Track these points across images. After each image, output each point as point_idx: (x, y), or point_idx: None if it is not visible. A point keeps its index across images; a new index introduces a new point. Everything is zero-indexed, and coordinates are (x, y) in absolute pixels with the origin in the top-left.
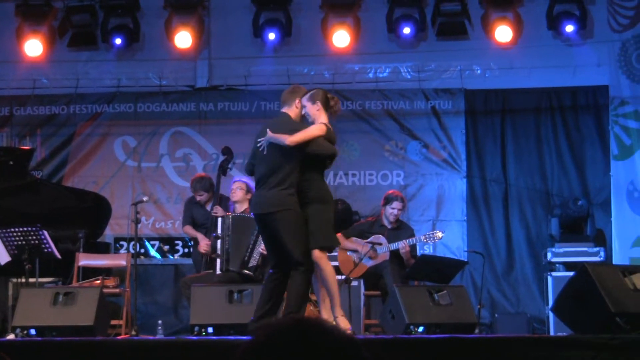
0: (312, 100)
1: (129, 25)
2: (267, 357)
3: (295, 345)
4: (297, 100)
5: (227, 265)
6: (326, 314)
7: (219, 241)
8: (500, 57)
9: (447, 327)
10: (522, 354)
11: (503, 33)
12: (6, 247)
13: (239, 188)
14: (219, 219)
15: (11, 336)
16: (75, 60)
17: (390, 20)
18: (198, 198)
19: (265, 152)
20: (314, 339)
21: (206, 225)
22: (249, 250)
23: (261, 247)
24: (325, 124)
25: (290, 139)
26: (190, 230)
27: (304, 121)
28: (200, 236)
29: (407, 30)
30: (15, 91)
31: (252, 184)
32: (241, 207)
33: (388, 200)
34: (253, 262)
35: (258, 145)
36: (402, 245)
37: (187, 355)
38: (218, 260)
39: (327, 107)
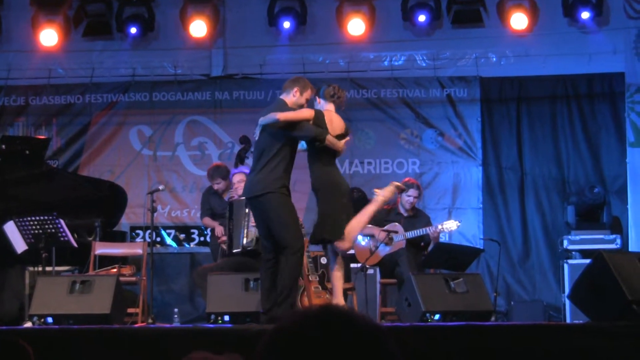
0: (324, 97)
1: (144, 15)
2: (292, 345)
3: (321, 333)
4: (295, 89)
5: (231, 249)
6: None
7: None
8: (516, 45)
9: (463, 315)
10: (538, 341)
11: (519, 20)
12: (23, 235)
13: (240, 181)
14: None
15: (28, 324)
16: (91, 50)
17: (406, 8)
18: (215, 187)
19: (257, 138)
20: (340, 328)
21: (225, 215)
22: (244, 227)
23: (252, 221)
24: (317, 110)
25: (280, 115)
26: (208, 222)
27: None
28: (216, 225)
29: (422, 18)
30: (31, 81)
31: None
32: None
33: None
34: (251, 236)
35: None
36: (432, 230)
37: (204, 343)
38: (224, 246)
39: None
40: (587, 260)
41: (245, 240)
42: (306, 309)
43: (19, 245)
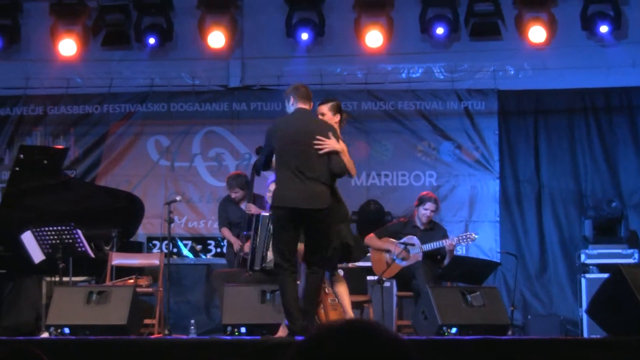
0: (334, 111)
1: (162, 25)
2: (318, 358)
3: (346, 346)
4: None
5: (253, 265)
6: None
7: (249, 240)
8: (534, 58)
9: (480, 328)
10: (555, 356)
11: (537, 33)
12: (40, 245)
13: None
14: (253, 218)
15: (45, 334)
16: (109, 60)
17: (424, 20)
18: (233, 195)
19: (319, 152)
20: (365, 341)
21: (241, 225)
22: (265, 245)
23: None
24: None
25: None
26: (226, 233)
27: None
28: (234, 240)
29: (440, 31)
30: (49, 90)
31: None
32: None
33: (421, 201)
34: (271, 256)
35: (316, 146)
36: (448, 243)
37: (220, 355)
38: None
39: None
40: (605, 275)
41: (267, 259)
42: (331, 322)
43: (37, 255)
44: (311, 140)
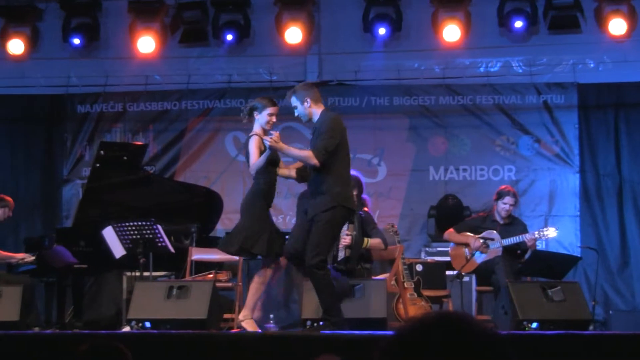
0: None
1: (240, 21)
2: (411, 352)
3: (440, 340)
4: None
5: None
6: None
7: None
8: (614, 51)
9: (561, 323)
10: (637, 351)
11: (617, 26)
12: (121, 241)
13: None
14: None
15: (126, 328)
16: (187, 57)
17: (502, 14)
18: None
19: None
20: (459, 334)
21: None
22: (335, 244)
23: (343, 241)
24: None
25: None
26: None
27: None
28: None
29: (518, 24)
30: (128, 87)
31: (360, 175)
32: None
33: (500, 196)
34: (341, 255)
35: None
36: (529, 237)
37: (301, 349)
38: None
39: None
40: None
41: (337, 258)
42: (424, 315)
43: (117, 250)
44: None
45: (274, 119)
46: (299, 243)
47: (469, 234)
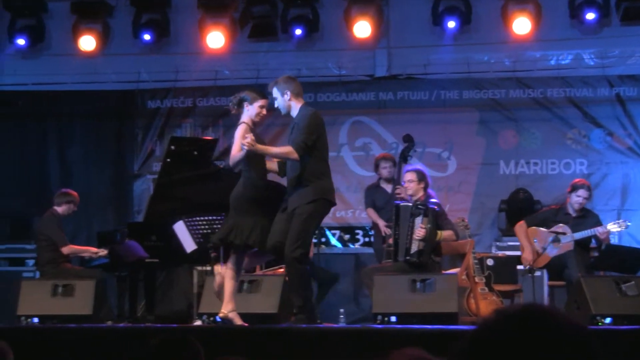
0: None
1: (308, 16)
2: (495, 346)
3: (526, 332)
4: None
5: (396, 256)
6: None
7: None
8: None
9: (635, 318)
10: None
11: None
12: (192, 235)
13: (410, 181)
14: (393, 209)
15: (198, 322)
16: (256, 51)
17: (573, 5)
18: (382, 170)
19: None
20: (545, 327)
21: (386, 209)
22: (408, 237)
23: (417, 234)
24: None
25: None
26: (372, 214)
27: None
28: (380, 222)
29: (590, 16)
30: (197, 82)
31: (425, 170)
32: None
33: (574, 188)
34: (414, 248)
35: None
36: (601, 230)
37: (371, 344)
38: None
39: None
40: None
41: (410, 250)
42: (507, 308)
43: (189, 244)
44: None
45: (264, 111)
46: (282, 236)
47: (539, 228)
